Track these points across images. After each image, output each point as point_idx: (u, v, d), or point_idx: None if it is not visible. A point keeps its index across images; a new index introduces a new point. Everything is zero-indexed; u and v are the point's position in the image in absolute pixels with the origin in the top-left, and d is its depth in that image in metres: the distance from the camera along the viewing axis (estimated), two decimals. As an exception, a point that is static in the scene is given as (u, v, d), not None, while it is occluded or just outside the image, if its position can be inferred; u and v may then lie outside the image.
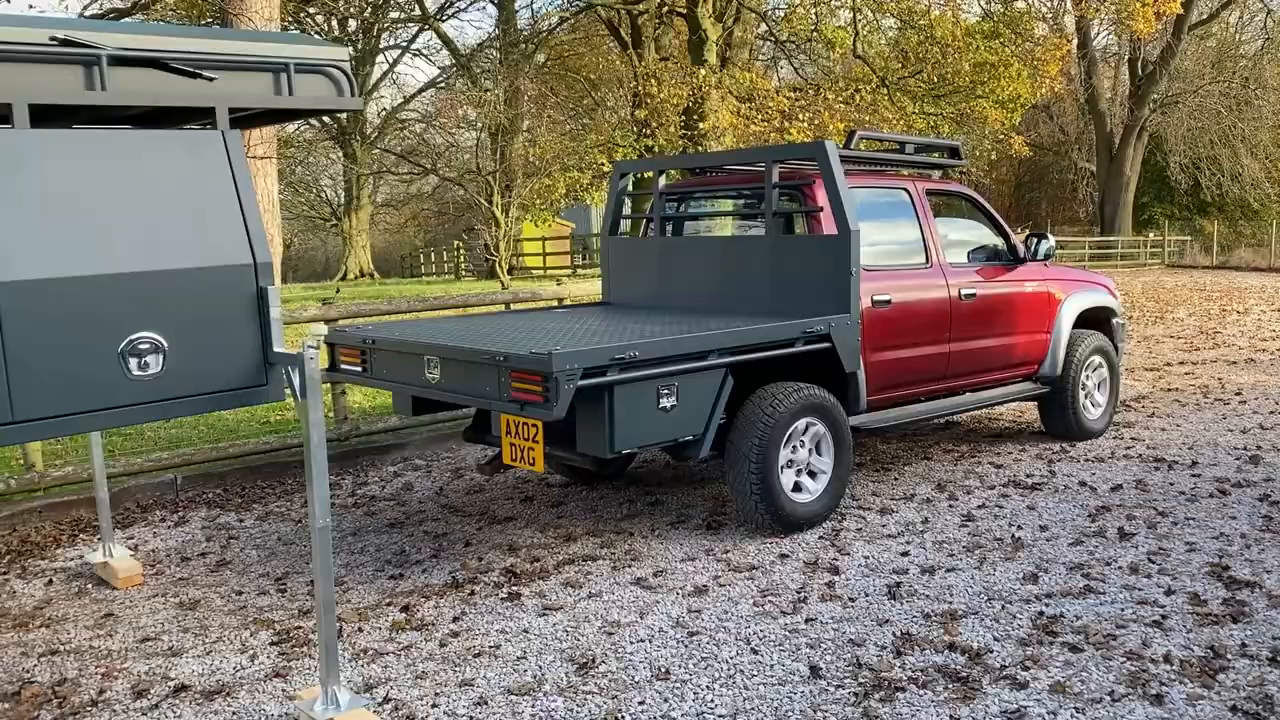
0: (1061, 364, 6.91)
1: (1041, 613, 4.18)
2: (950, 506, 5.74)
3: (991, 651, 3.84)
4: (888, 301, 5.78)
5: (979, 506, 5.72)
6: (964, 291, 6.23)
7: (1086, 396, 7.15)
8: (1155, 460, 6.65)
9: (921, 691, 3.54)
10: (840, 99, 19.61)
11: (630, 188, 7.05)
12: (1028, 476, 6.33)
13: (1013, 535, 5.19)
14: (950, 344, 6.18)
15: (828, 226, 5.54)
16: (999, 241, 6.77)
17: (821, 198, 5.60)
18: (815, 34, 23.13)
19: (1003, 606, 4.26)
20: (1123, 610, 4.19)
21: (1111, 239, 33.92)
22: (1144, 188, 38.29)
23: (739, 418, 5.06)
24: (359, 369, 5.25)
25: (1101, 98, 36.02)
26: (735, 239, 6.28)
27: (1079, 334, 7.05)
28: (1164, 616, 4.10)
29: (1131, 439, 7.30)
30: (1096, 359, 7.17)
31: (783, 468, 5.14)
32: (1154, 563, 4.73)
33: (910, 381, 6.06)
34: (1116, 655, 3.77)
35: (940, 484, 6.21)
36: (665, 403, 4.64)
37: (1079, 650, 3.81)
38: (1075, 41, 32.29)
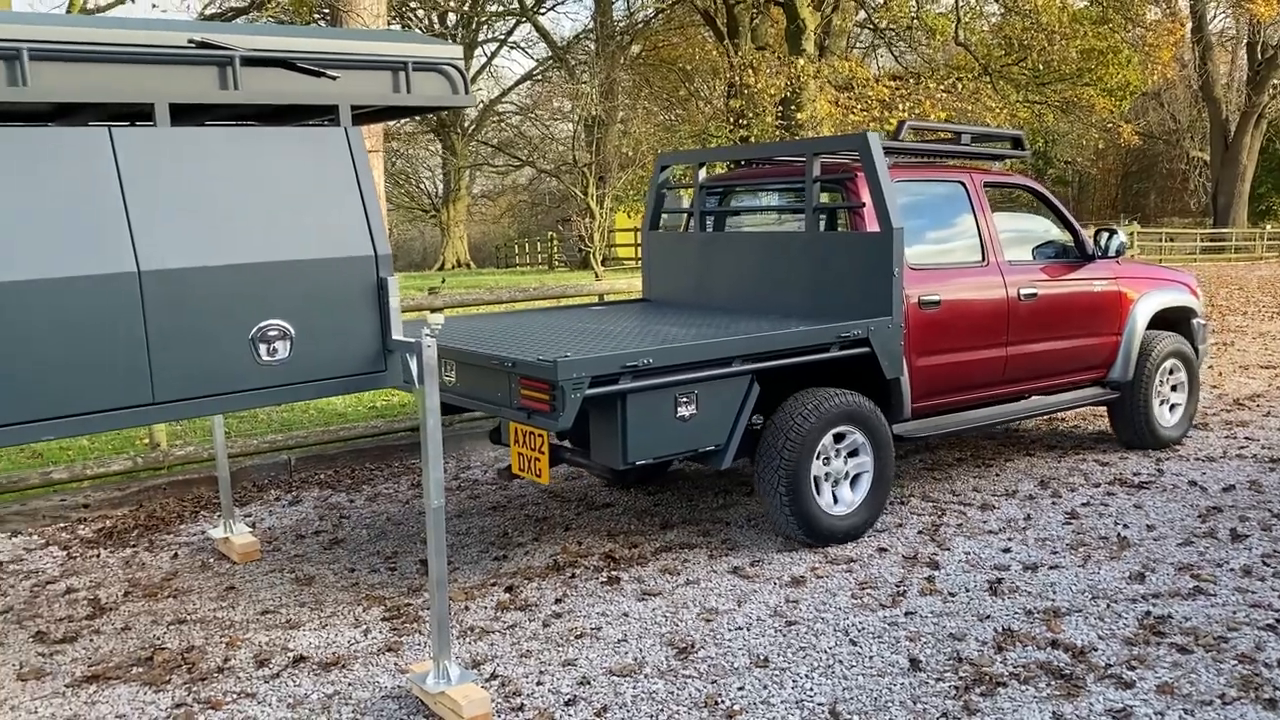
0: (1133, 368, 6.53)
1: (1148, 613, 4.11)
2: (1053, 504, 5.65)
3: (1096, 650, 3.79)
4: (937, 302, 5.47)
5: (1083, 504, 5.62)
6: (1024, 291, 5.92)
7: (1161, 402, 6.78)
8: (1271, 460, 6.43)
9: (1024, 687, 3.52)
10: (941, 87, 19.28)
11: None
12: (1135, 475, 6.19)
13: (1118, 534, 5.10)
14: (1008, 347, 5.88)
15: (870, 223, 5.27)
16: (1065, 237, 6.45)
17: (865, 193, 5.31)
18: (916, 21, 22.78)
19: (1108, 605, 4.20)
20: (1234, 613, 4.09)
21: (1225, 231, 32.60)
22: (1261, 177, 36.72)
23: (769, 425, 4.85)
24: None
25: (1217, 84, 34.60)
26: (775, 235, 5.97)
27: (1153, 335, 6.66)
28: (1279, 620, 3.99)
29: (1245, 438, 7.06)
30: (1173, 362, 6.77)
31: (816, 479, 4.91)
32: (1269, 565, 4.59)
33: (962, 387, 5.73)
34: (1228, 658, 3.69)
35: (1043, 480, 6.11)
36: (683, 411, 4.43)
37: (1188, 651, 3.74)
38: (1190, 25, 31.07)
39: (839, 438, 5.01)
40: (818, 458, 4.90)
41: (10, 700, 3.67)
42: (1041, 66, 21.31)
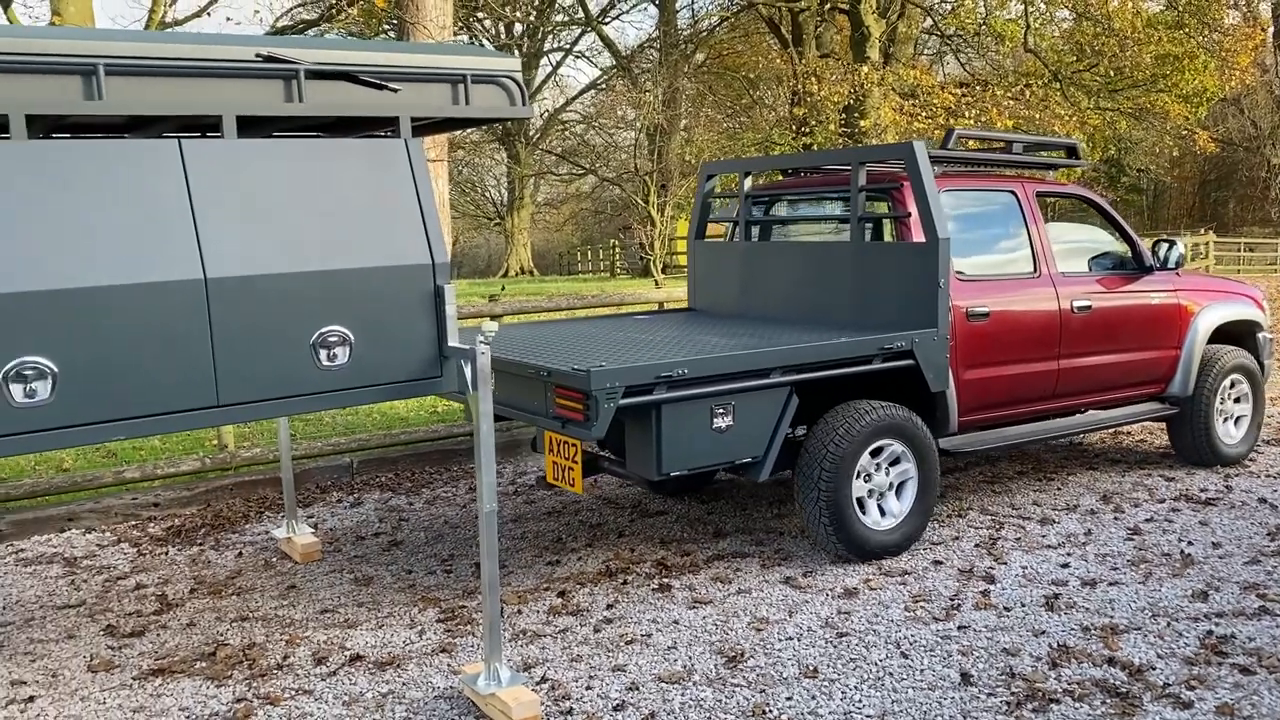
0: (1193, 383, 6.34)
1: (1210, 632, 4.01)
2: (1115, 519, 5.54)
3: (1154, 669, 3.72)
4: (985, 314, 5.35)
5: (1147, 520, 5.51)
6: (1077, 303, 5.75)
7: (1223, 419, 6.58)
8: (1347, 479, 6.23)
9: (1078, 705, 3.47)
10: (1009, 95, 18.98)
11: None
12: (1201, 491, 6.04)
13: (1182, 551, 4.98)
14: (1060, 360, 5.73)
15: (916, 233, 5.19)
16: (1123, 248, 6.29)
17: (910, 202, 5.20)
18: (983, 27, 22.49)
19: (1168, 623, 4.11)
20: (1302, 634, 3.98)
21: (1307, 241, 31.57)
22: (1346, 185, 35.48)
23: (810, 437, 4.79)
24: None
25: (1299, 89, 33.57)
26: (821, 245, 5.89)
27: (1215, 349, 6.46)
28: (1348, 643, 3.88)
29: (1321, 455, 6.86)
30: (1236, 378, 6.56)
31: (860, 499, 4.84)
32: (1340, 587, 4.46)
33: (1011, 401, 5.59)
34: (1293, 681, 3.59)
35: (1106, 495, 6.00)
36: (719, 423, 4.38)
37: (1250, 673, 3.65)
38: (1270, 30, 30.21)
39: (882, 451, 4.92)
40: (858, 476, 4.82)
41: (80, 691, 3.81)
42: (1113, 73, 20.88)
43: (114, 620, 4.48)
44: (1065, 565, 4.83)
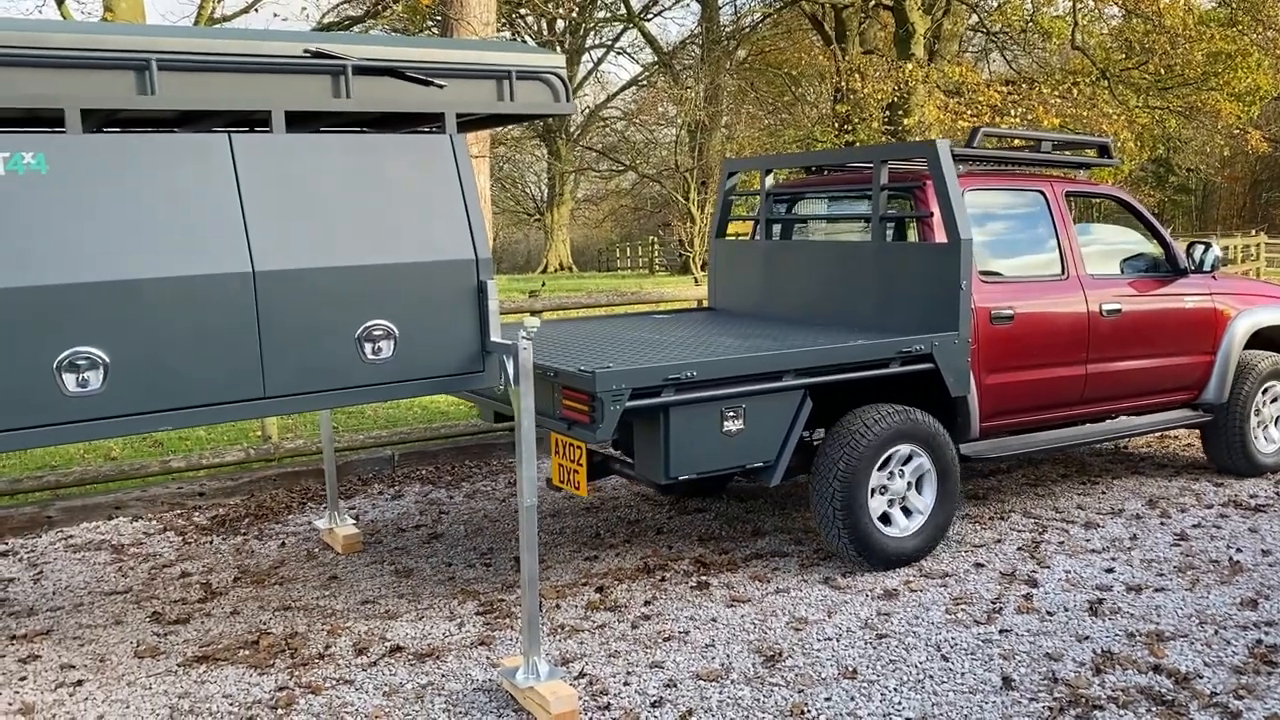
0: (1229, 389, 6.18)
1: (1259, 640, 3.94)
2: (1162, 524, 5.46)
3: (1201, 677, 3.65)
4: (1010, 317, 5.24)
5: (1194, 526, 5.42)
6: (1106, 306, 5.62)
7: (1260, 427, 6.41)
8: (1403, 487, 6.09)
9: (1122, 712, 3.42)
10: (1056, 93, 18.69)
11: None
12: (1251, 497, 5.93)
13: (1230, 558, 4.90)
14: (1088, 365, 5.60)
15: (939, 234, 5.07)
16: (1156, 251, 6.14)
17: (933, 202, 5.10)
18: (1030, 24, 22.21)
19: (1216, 631, 4.04)
20: (1355, 645, 3.89)
21: (1363, 243, 30.83)
22: (1404, 186, 34.62)
23: (825, 442, 4.71)
24: None
25: (1357, 87, 32.77)
26: (841, 245, 5.78)
27: (1252, 355, 6.30)
28: (1404, 655, 3.79)
29: (1375, 462, 6.69)
30: (1272, 384, 6.40)
31: (873, 498, 4.73)
32: (1395, 597, 4.36)
33: (1036, 407, 5.48)
34: (1345, 692, 3.52)
35: (1152, 500, 5.90)
36: (730, 426, 4.29)
37: (1301, 683, 3.58)
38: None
39: (899, 457, 4.82)
40: (876, 476, 4.74)
41: (127, 676, 3.88)
42: (1163, 70, 20.51)
43: (160, 607, 4.56)
44: (1110, 570, 4.76)
